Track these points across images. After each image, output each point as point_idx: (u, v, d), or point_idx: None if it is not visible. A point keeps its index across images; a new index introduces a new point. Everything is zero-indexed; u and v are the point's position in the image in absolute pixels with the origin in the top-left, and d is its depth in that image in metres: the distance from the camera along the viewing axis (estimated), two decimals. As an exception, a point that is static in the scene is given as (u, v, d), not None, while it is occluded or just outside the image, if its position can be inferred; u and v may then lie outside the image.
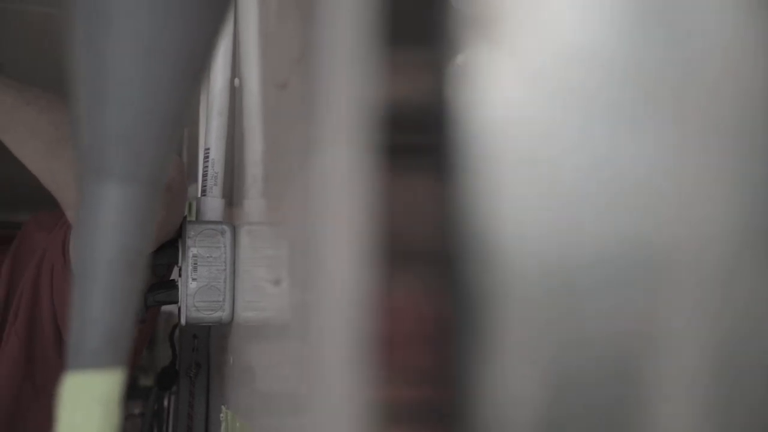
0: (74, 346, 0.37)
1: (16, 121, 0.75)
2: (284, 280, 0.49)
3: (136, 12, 0.36)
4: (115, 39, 0.36)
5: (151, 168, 0.38)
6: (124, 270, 0.37)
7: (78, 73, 0.38)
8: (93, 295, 0.37)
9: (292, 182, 0.45)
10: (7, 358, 0.79)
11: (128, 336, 0.38)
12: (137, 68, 0.37)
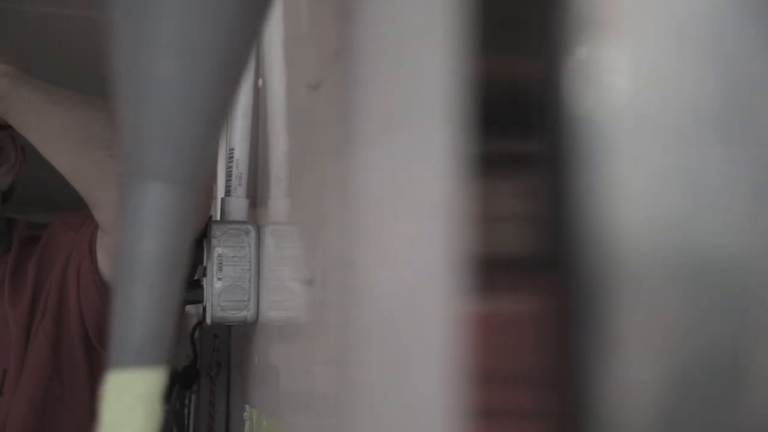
0: (117, 345, 0.37)
1: (45, 121, 0.76)
2: (318, 281, 0.49)
3: (176, 14, 0.37)
4: (156, 41, 0.37)
5: (192, 168, 0.38)
6: (165, 269, 0.38)
7: (120, 75, 0.38)
8: (135, 294, 0.38)
9: (331, 182, 0.45)
10: (36, 357, 0.80)
11: (169, 335, 0.38)
12: (178, 69, 0.37)
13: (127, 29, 0.37)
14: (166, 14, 0.37)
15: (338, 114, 0.44)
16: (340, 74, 0.44)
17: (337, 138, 0.44)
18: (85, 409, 0.83)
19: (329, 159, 0.46)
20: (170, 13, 0.37)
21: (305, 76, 0.54)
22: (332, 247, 0.44)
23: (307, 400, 0.49)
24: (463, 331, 0.36)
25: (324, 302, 0.47)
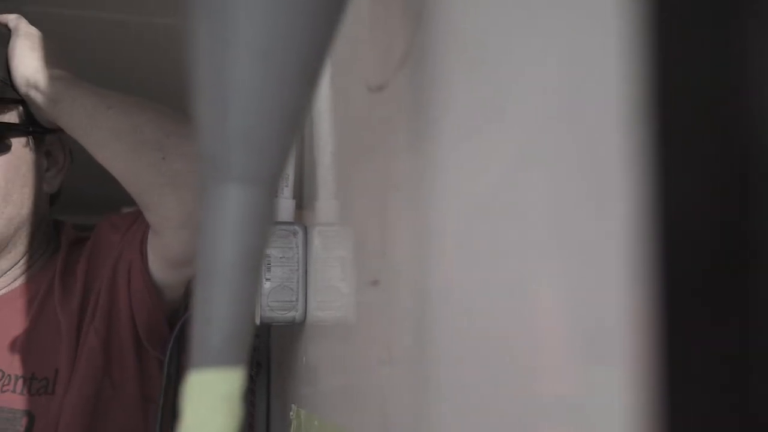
0: (198, 346, 0.38)
1: (97, 125, 0.77)
2: (384, 282, 0.49)
3: (255, 18, 0.37)
4: (235, 46, 0.37)
5: (271, 169, 0.38)
6: (245, 271, 0.38)
7: (199, 80, 0.39)
8: (216, 295, 0.38)
9: (400, 183, 0.45)
10: (88, 356, 0.81)
11: (249, 335, 0.39)
12: (258, 72, 0.38)
13: (207, 35, 0.38)
14: (245, 19, 0.37)
15: (408, 116, 0.44)
16: (410, 77, 0.44)
17: (406, 139, 0.44)
18: (136, 409, 0.84)
19: (396, 160, 0.46)
20: (249, 17, 0.37)
21: (365, 78, 0.54)
22: (402, 247, 0.45)
23: (374, 400, 0.49)
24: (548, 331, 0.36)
25: (392, 302, 0.47)
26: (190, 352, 0.38)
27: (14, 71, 0.83)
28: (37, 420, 0.80)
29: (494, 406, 0.37)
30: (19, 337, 0.84)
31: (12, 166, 0.85)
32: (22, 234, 0.88)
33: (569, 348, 0.36)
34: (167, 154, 0.74)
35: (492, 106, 0.32)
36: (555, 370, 0.36)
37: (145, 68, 2.17)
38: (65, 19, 1.76)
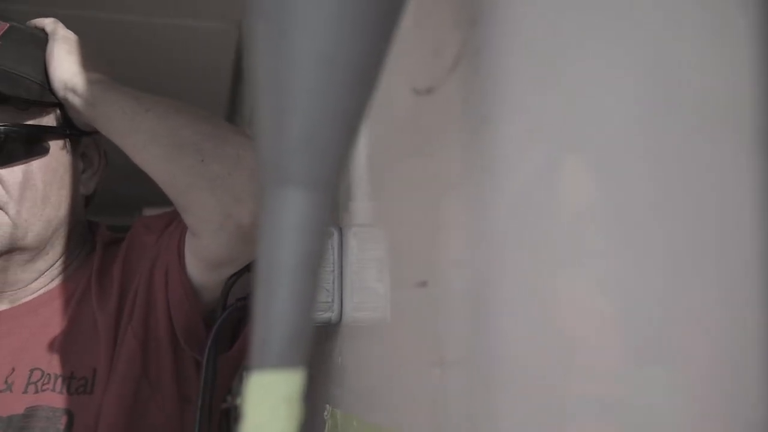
0: (259, 348, 0.38)
1: (136, 128, 0.78)
2: (433, 283, 0.49)
3: (316, 26, 0.38)
4: (297, 52, 0.38)
5: (331, 173, 0.39)
6: (305, 273, 0.39)
7: (260, 84, 0.39)
8: (276, 298, 0.39)
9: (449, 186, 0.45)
10: (126, 356, 0.82)
11: (309, 337, 0.39)
12: (318, 79, 0.38)
13: (269, 42, 0.38)
14: (307, 26, 0.37)
15: (462, 118, 0.45)
16: (464, 79, 0.45)
17: (462, 141, 0.44)
18: (173, 409, 0.85)
19: (449, 161, 0.47)
20: (311, 24, 0.38)
21: (410, 80, 0.55)
22: (456, 249, 0.45)
23: (426, 402, 0.49)
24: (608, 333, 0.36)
25: (444, 304, 0.47)
26: (251, 353, 0.39)
27: (52, 75, 0.84)
28: (76, 419, 0.80)
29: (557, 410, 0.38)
30: (57, 337, 0.85)
31: (50, 168, 0.86)
32: (59, 235, 0.89)
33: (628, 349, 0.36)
34: (206, 157, 0.74)
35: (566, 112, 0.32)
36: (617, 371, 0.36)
37: (144, 68, 2.18)
38: (65, 18, 1.80)
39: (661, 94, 0.27)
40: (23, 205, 0.84)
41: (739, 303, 0.29)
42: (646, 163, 0.31)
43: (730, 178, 0.27)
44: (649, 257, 0.33)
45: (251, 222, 0.74)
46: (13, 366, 0.83)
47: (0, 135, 0.83)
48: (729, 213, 0.28)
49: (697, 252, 0.31)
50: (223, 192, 0.73)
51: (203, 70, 2.79)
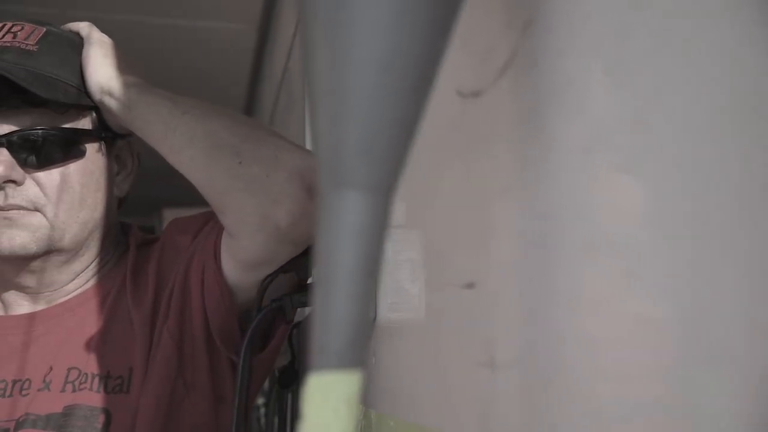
0: (319, 349, 0.39)
1: (173, 130, 0.78)
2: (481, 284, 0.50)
3: (375, 32, 0.38)
4: (357, 57, 0.38)
5: (390, 177, 0.39)
6: (365, 276, 0.39)
7: (319, 89, 0.40)
8: (336, 300, 0.39)
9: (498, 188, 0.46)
10: (162, 356, 0.83)
11: (369, 338, 0.39)
12: (377, 83, 0.39)
13: (327, 47, 0.39)
14: (365, 32, 0.38)
15: (515, 121, 0.45)
16: (516, 82, 0.45)
17: (514, 144, 0.45)
18: (208, 409, 0.85)
19: (500, 164, 0.47)
20: (370, 31, 0.38)
21: (454, 83, 0.55)
22: (509, 251, 0.45)
23: (473, 402, 0.50)
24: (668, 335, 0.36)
25: (494, 305, 0.48)
26: (310, 355, 0.39)
27: (88, 78, 0.85)
28: (113, 418, 0.81)
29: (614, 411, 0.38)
30: (93, 337, 0.86)
31: (87, 171, 0.87)
32: (94, 237, 0.90)
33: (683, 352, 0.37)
34: (244, 159, 0.75)
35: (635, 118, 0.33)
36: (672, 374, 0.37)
37: (161, 70, 2.20)
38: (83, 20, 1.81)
39: (736, 102, 0.27)
40: (61, 208, 0.85)
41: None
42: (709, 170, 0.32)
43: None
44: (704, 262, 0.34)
45: (289, 223, 0.74)
46: (51, 365, 0.84)
47: (38, 138, 0.84)
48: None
49: (754, 255, 0.32)
50: (262, 193, 0.74)
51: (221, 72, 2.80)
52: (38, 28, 0.87)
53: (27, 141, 0.83)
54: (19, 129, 0.83)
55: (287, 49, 1.75)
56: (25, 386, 0.83)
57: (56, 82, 0.84)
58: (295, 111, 1.61)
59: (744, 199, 0.31)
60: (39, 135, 0.84)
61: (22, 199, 0.83)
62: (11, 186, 0.83)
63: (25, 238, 0.83)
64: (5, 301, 0.90)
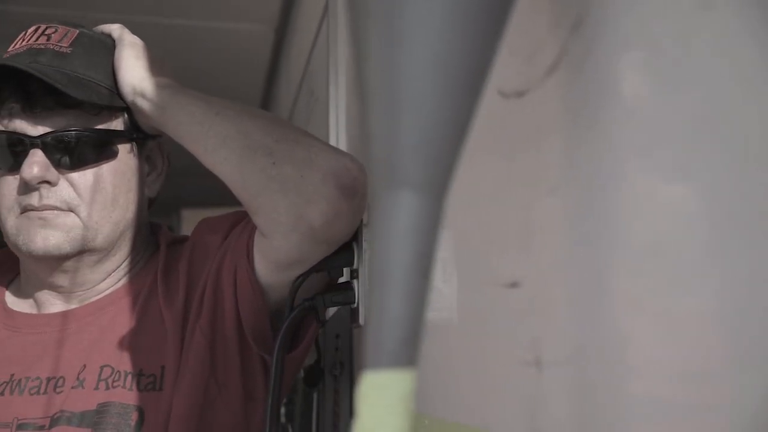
0: (374, 347, 0.39)
1: (206, 131, 0.79)
2: (526, 284, 0.50)
3: (429, 32, 0.38)
4: (410, 57, 0.39)
5: (443, 176, 0.40)
6: (419, 275, 0.39)
7: (371, 88, 0.40)
8: (390, 300, 0.39)
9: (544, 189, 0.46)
10: (195, 355, 0.83)
11: (422, 337, 0.40)
12: (430, 82, 0.39)
13: (381, 46, 0.39)
14: (420, 31, 0.38)
15: (557, 123, 0.45)
16: (563, 84, 0.45)
17: (563, 144, 0.45)
18: (239, 407, 0.86)
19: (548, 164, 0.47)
20: (424, 29, 0.38)
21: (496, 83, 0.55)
22: (558, 251, 0.45)
23: (517, 401, 0.50)
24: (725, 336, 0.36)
25: (540, 304, 0.48)
26: (365, 353, 0.40)
27: (121, 80, 0.86)
28: (147, 415, 0.82)
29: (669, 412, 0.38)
30: (126, 335, 0.86)
31: (119, 172, 0.88)
32: (126, 237, 0.91)
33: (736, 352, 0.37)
34: (277, 159, 0.75)
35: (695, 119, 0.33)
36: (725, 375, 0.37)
37: (178, 70, 2.21)
38: (100, 22, 1.84)
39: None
40: (94, 208, 0.86)
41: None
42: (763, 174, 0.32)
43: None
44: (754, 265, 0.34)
45: (323, 223, 0.75)
46: (84, 363, 0.84)
47: (72, 139, 0.84)
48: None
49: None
50: (295, 194, 0.74)
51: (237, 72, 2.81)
52: (71, 30, 0.88)
53: (61, 142, 0.84)
54: (53, 130, 0.84)
55: (308, 49, 1.76)
56: (59, 384, 0.84)
57: (90, 83, 0.85)
58: (317, 111, 1.61)
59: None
60: (73, 136, 0.84)
61: (56, 199, 0.84)
62: (46, 187, 0.84)
63: (59, 238, 0.84)
64: (38, 300, 0.91)
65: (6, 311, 0.91)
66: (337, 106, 1.42)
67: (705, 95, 0.33)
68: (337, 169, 0.75)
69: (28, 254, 0.85)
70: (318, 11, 1.58)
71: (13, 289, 0.95)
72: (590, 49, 0.42)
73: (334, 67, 1.42)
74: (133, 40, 0.90)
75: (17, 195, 0.85)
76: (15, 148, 0.84)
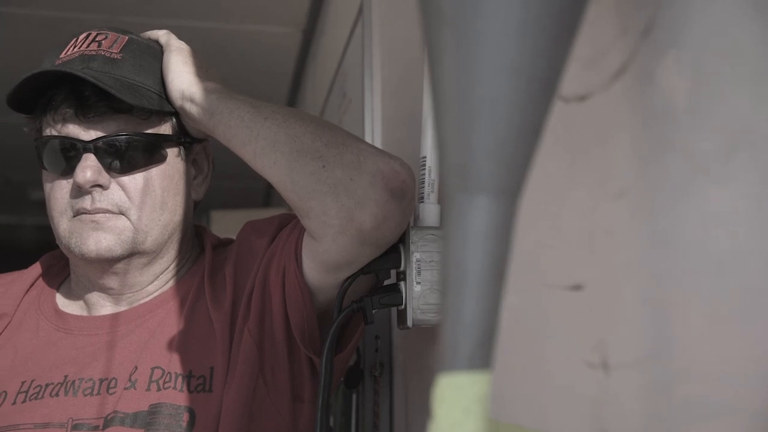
0: (449, 350, 0.40)
1: (256, 135, 0.80)
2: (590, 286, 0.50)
3: (504, 38, 0.39)
4: (485, 63, 0.39)
5: (517, 180, 0.40)
6: (494, 278, 0.40)
7: (445, 94, 0.41)
8: (466, 302, 0.40)
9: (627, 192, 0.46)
10: (244, 356, 0.84)
11: (497, 339, 0.40)
12: (505, 87, 0.39)
13: (458, 55, 0.39)
14: (493, 40, 0.39)
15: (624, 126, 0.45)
16: (629, 89, 0.45)
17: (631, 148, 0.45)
18: (287, 408, 0.87)
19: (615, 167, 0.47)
20: (497, 38, 0.39)
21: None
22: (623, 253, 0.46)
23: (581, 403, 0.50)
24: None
25: (606, 307, 0.48)
26: (440, 356, 0.40)
27: (169, 85, 0.87)
28: (197, 416, 0.83)
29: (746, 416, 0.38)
30: (175, 337, 0.88)
31: (167, 175, 0.89)
32: (174, 239, 0.92)
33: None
34: (327, 163, 0.76)
35: None
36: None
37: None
38: (130, 26, 1.87)
39: None
40: (144, 211, 0.87)
41: None
42: None
43: None
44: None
45: (373, 226, 0.75)
46: (136, 364, 0.86)
47: (122, 143, 0.86)
48: None
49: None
50: (346, 197, 0.75)
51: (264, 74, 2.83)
52: (121, 36, 0.89)
53: (112, 146, 0.86)
54: (105, 135, 0.85)
55: (340, 51, 1.76)
56: (111, 385, 0.85)
57: (140, 88, 0.86)
58: (351, 112, 1.62)
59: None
60: (123, 140, 0.86)
61: (108, 203, 0.86)
62: (98, 190, 0.85)
63: (110, 240, 0.86)
64: (88, 302, 0.93)
65: (58, 314, 0.93)
66: (372, 108, 1.43)
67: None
68: (387, 171, 0.76)
69: (81, 256, 0.86)
70: (352, 13, 1.58)
71: (63, 292, 0.96)
72: (662, 55, 0.42)
73: (369, 68, 1.43)
74: (180, 45, 0.91)
75: (69, 198, 0.86)
76: (68, 153, 0.86)
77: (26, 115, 0.89)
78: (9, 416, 0.83)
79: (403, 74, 1.20)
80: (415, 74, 1.05)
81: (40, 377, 0.86)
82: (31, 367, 0.87)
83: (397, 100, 1.27)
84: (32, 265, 1.00)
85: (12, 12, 2.34)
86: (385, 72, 1.35)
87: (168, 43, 0.91)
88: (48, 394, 0.84)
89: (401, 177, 0.76)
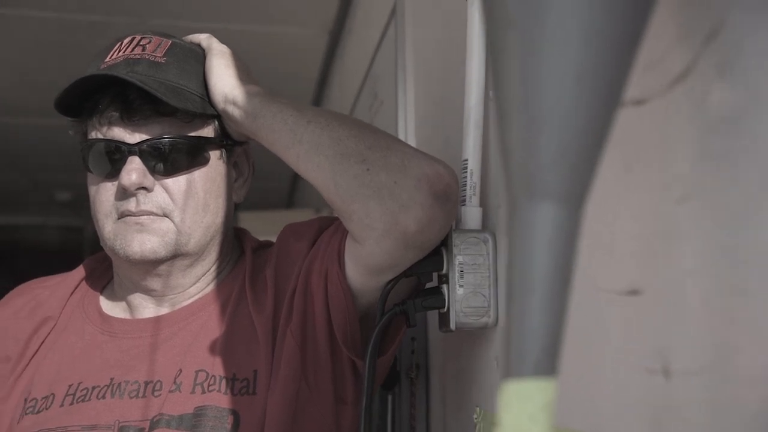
0: (516, 357, 0.40)
1: (299, 139, 0.80)
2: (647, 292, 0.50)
3: (568, 44, 0.39)
4: (550, 69, 0.39)
5: (582, 186, 0.40)
6: (559, 284, 0.40)
7: (511, 99, 0.41)
8: (532, 309, 0.40)
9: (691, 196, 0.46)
10: (287, 358, 0.85)
11: (563, 346, 0.40)
12: (571, 94, 0.39)
13: (523, 60, 0.39)
14: (558, 46, 0.39)
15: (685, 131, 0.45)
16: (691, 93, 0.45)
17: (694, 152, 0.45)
18: (329, 410, 0.87)
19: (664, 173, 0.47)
20: (562, 45, 0.39)
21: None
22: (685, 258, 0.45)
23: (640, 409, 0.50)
24: None
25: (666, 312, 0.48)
26: (507, 362, 0.40)
27: (212, 88, 0.88)
28: (242, 419, 0.84)
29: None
30: (218, 339, 0.88)
31: (209, 177, 0.90)
32: (215, 241, 0.93)
33: None
34: (371, 166, 0.76)
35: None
36: None
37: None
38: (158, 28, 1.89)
39: None
40: (186, 213, 0.88)
41: None
42: None
43: None
44: None
45: (417, 229, 0.75)
46: (180, 367, 0.87)
47: (166, 146, 0.87)
48: None
49: None
50: (390, 200, 0.75)
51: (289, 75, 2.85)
52: (164, 40, 0.90)
53: (156, 149, 0.87)
54: (149, 138, 0.86)
55: (371, 52, 1.77)
56: (156, 387, 0.86)
57: (183, 92, 0.87)
58: (382, 112, 1.62)
59: None
60: (167, 143, 0.87)
61: (152, 205, 0.87)
62: (142, 192, 0.86)
63: (155, 242, 0.87)
64: (131, 304, 0.94)
65: (102, 317, 0.94)
66: (406, 109, 1.43)
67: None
68: (431, 175, 0.76)
69: (125, 258, 0.87)
70: (384, 14, 1.58)
71: (107, 294, 0.98)
72: (728, 61, 0.42)
73: (402, 70, 1.43)
74: (222, 48, 0.91)
75: (114, 201, 0.87)
76: (113, 156, 0.87)
77: (72, 118, 0.90)
78: (57, 418, 0.85)
79: (437, 75, 1.20)
80: (449, 75, 1.05)
81: (86, 380, 0.87)
82: (77, 370, 0.88)
83: (431, 101, 1.27)
84: (75, 268, 1.01)
85: (43, 16, 2.38)
86: (419, 73, 1.35)
87: (210, 46, 0.92)
88: (95, 397, 0.85)
89: (446, 180, 0.76)
